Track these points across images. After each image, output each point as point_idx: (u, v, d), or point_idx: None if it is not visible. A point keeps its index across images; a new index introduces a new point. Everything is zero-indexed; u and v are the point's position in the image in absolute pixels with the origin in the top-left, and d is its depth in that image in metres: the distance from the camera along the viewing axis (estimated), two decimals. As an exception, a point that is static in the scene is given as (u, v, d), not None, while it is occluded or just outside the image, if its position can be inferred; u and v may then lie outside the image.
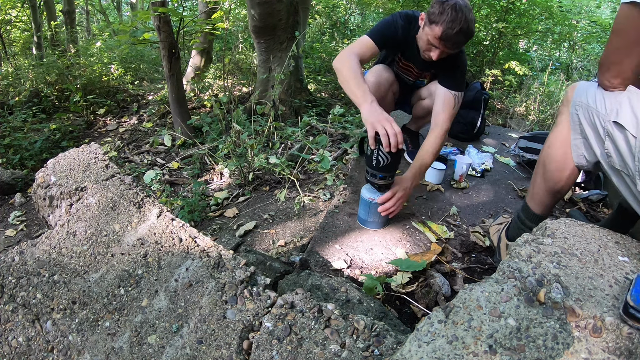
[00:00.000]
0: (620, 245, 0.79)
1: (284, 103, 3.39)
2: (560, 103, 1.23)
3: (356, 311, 0.99)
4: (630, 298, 0.61)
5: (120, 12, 11.61)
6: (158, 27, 2.92)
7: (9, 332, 0.80)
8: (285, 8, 3.15)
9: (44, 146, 3.44)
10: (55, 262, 0.92)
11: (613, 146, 0.93)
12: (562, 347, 0.59)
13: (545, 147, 1.15)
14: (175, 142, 3.25)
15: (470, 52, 6.09)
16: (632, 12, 0.84)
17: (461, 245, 1.48)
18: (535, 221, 1.22)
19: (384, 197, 1.44)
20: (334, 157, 2.39)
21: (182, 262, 0.92)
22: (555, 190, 1.15)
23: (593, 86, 1.01)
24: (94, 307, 0.84)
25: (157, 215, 1.03)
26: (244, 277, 0.89)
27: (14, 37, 7.64)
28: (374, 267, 1.36)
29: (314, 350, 0.73)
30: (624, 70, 0.91)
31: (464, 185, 1.88)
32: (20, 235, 2.16)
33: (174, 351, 0.76)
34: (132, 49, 5.77)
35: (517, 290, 0.67)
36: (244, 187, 2.26)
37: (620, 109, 0.90)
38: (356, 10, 7.84)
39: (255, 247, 1.64)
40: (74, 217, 1.02)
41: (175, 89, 3.22)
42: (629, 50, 0.89)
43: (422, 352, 0.60)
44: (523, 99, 4.48)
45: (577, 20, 6.32)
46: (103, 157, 1.23)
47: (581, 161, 1.05)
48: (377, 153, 1.37)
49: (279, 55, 3.33)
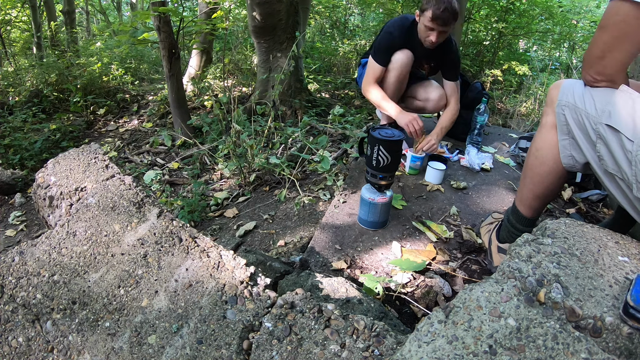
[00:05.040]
0: (620, 245, 0.79)
1: (284, 103, 3.39)
2: (544, 104, 1.20)
3: (356, 311, 0.99)
4: (630, 298, 0.61)
5: (120, 12, 11.61)
6: (158, 27, 2.91)
7: (9, 332, 0.80)
8: (285, 8, 3.15)
9: (44, 146, 3.43)
10: (55, 262, 0.92)
11: (605, 149, 0.90)
12: (562, 347, 0.59)
13: (532, 150, 1.12)
14: (175, 142, 3.25)
15: (470, 52, 6.09)
16: (620, 8, 0.83)
17: (461, 245, 1.48)
18: (525, 224, 1.21)
19: (421, 145, 1.89)
20: (334, 157, 2.39)
21: (182, 262, 0.92)
22: (544, 195, 1.13)
23: (580, 85, 0.98)
24: (94, 307, 0.84)
25: (157, 215, 1.03)
26: (244, 277, 0.89)
27: (14, 37, 7.63)
28: (374, 267, 1.36)
29: (314, 351, 0.73)
30: (607, 65, 0.90)
31: (464, 186, 1.88)
32: (20, 235, 2.16)
33: (174, 351, 0.76)
34: (132, 49, 5.77)
35: (517, 290, 0.67)
36: (244, 187, 2.26)
37: (612, 111, 0.88)
38: (356, 11, 7.84)
39: (255, 247, 1.64)
40: (74, 217, 1.02)
41: (175, 89, 3.22)
42: (613, 45, 0.87)
43: (422, 352, 0.60)
44: (523, 99, 4.48)
45: (577, 20, 6.32)
46: (103, 157, 1.23)
47: (570, 162, 1.03)
48: (377, 153, 1.38)
49: (279, 55, 3.33)
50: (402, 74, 1.99)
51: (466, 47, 6.07)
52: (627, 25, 0.84)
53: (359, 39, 6.41)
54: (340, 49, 5.85)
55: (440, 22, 1.76)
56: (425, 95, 2.15)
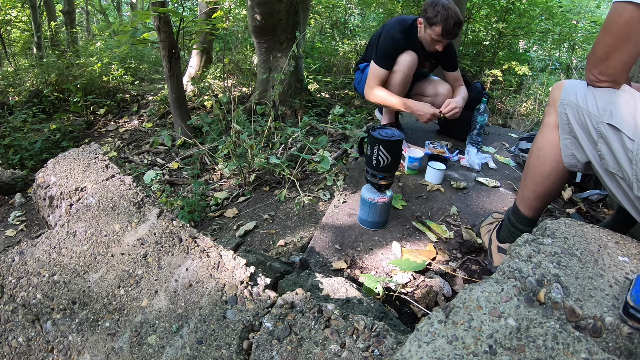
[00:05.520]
0: (620, 245, 0.79)
1: (284, 103, 3.39)
2: (545, 104, 1.21)
3: (356, 311, 0.99)
4: (630, 298, 0.61)
5: (120, 12, 11.61)
6: (158, 27, 2.91)
7: (9, 332, 0.80)
8: (285, 8, 3.15)
9: (44, 146, 3.43)
10: (55, 262, 0.92)
11: (607, 148, 0.91)
12: (562, 347, 0.59)
13: (534, 149, 1.13)
14: (175, 142, 3.24)
15: (470, 52, 6.09)
16: (623, 10, 0.84)
17: (461, 245, 1.48)
18: (526, 224, 1.21)
19: (447, 107, 1.96)
20: (334, 157, 2.39)
21: (182, 262, 0.92)
22: (545, 195, 1.13)
23: (582, 85, 0.99)
24: (94, 307, 0.84)
25: (157, 215, 1.03)
26: (244, 277, 0.89)
27: (14, 37, 7.63)
28: (374, 267, 1.36)
29: (314, 351, 0.73)
30: (610, 66, 0.90)
31: (464, 186, 1.88)
32: (20, 235, 2.16)
33: (174, 351, 0.76)
34: (132, 49, 5.76)
35: (517, 290, 0.67)
36: (244, 187, 2.26)
37: (614, 110, 0.89)
38: (356, 11, 7.84)
39: (255, 247, 1.64)
40: (74, 217, 1.02)
41: (175, 89, 3.22)
42: (616, 46, 0.88)
43: (422, 352, 0.60)
44: (523, 99, 4.48)
45: (577, 20, 6.32)
46: (103, 157, 1.23)
47: (571, 161, 1.03)
48: (377, 153, 1.38)
49: (279, 55, 3.32)
50: (408, 75, 2.03)
51: (466, 47, 6.07)
52: (629, 26, 0.84)
53: (359, 39, 6.41)
54: (340, 49, 5.85)
55: (450, 37, 1.87)
56: (434, 90, 2.19)
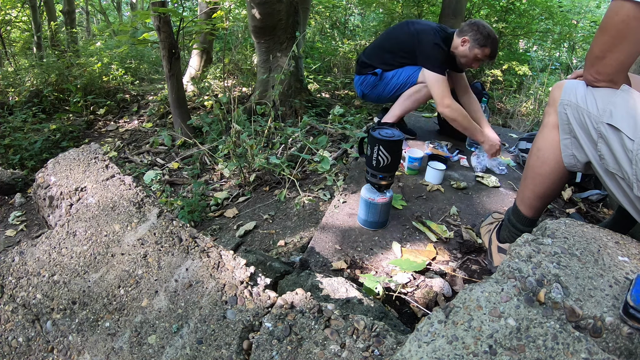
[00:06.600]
0: (620, 245, 0.79)
1: (284, 103, 3.39)
2: (545, 104, 1.21)
3: (356, 311, 0.99)
4: (630, 298, 0.61)
5: (120, 12, 11.61)
6: (158, 27, 2.91)
7: (9, 332, 0.80)
8: (285, 8, 3.15)
9: (44, 146, 3.43)
10: (55, 262, 0.92)
11: (607, 149, 0.91)
12: (562, 347, 0.59)
13: (534, 150, 1.13)
14: (175, 142, 3.24)
15: (470, 52, 6.07)
16: (621, 9, 0.84)
17: (461, 245, 1.48)
18: (526, 224, 1.21)
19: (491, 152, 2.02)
20: (334, 157, 2.39)
21: (182, 262, 0.92)
22: (545, 195, 1.13)
23: (582, 85, 0.99)
24: (94, 307, 0.84)
25: (157, 215, 1.03)
26: (244, 277, 0.89)
27: (14, 37, 7.63)
28: (374, 267, 1.36)
29: (314, 351, 0.73)
30: (607, 65, 0.90)
31: (464, 186, 1.88)
32: (20, 235, 2.16)
33: (174, 351, 0.76)
34: (132, 49, 5.76)
35: (517, 290, 0.67)
36: (244, 187, 2.26)
37: (614, 110, 0.88)
38: (356, 11, 7.84)
39: (255, 247, 1.64)
40: (74, 217, 1.02)
41: (175, 89, 3.22)
42: (613, 45, 0.88)
43: (422, 352, 0.60)
44: (523, 99, 4.48)
45: (577, 20, 6.32)
46: (103, 157, 1.23)
47: (571, 161, 1.03)
48: (377, 153, 1.38)
49: (279, 55, 3.32)
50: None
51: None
52: (626, 25, 0.84)
53: (359, 39, 6.41)
54: (340, 49, 5.85)
55: (494, 59, 2.01)
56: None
